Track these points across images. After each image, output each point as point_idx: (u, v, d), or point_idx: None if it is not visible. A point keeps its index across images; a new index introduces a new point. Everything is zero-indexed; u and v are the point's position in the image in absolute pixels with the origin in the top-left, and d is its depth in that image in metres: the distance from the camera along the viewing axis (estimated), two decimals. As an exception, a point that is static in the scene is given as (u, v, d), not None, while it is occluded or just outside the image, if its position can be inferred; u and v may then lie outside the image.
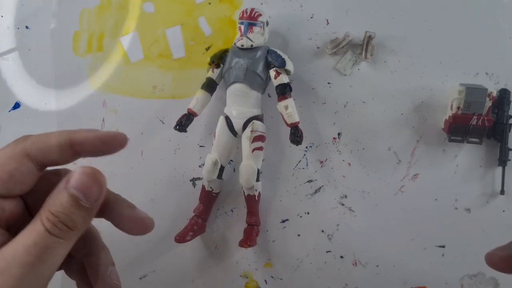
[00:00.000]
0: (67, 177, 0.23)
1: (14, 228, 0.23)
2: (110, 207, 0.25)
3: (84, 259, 0.26)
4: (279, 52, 0.48)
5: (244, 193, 0.51)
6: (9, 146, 0.23)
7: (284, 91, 0.48)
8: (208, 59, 0.51)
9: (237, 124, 0.49)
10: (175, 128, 0.50)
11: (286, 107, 0.48)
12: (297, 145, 0.48)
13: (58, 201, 0.22)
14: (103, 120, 0.56)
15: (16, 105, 0.57)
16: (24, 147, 0.23)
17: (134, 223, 0.25)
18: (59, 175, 0.25)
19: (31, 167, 0.23)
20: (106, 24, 0.54)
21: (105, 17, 0.54)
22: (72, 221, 0.22)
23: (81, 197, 0.22)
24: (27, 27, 0.56)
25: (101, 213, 0.24)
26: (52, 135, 0.24)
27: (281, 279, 0.54)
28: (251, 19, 0.47)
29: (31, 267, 0.21)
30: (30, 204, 0.24)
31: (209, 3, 0.52)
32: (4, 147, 0.23)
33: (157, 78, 0.54)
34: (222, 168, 0.51)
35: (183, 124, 0.50)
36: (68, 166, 0.24)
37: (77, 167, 0.23)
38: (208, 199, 0.52)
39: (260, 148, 0.49)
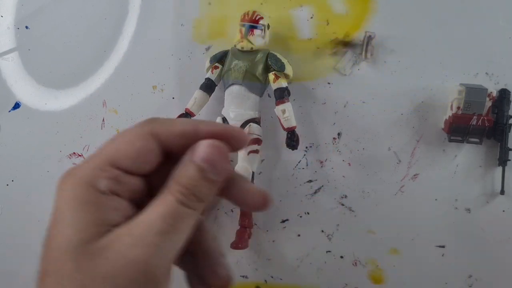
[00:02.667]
0: (192, 149, 0.23)
1: (136, 205, 0.23)
2: (231, 181, 0.24)
3: (195, 249, 0.26)
4: (279, 56, 0.48)
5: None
6: (137, 125, 0.23)
7: (282, 95, 0.48)
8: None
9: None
10: (174, 127, 0.50)
11: (284, 111, 0.48)
12: (293, 149, 0.48)
13: (186, 172, 0.22)
14: (103, 120, 0.56)
15: (16, 105, 0.57)
16: (152, 128, 0.23)
17: (257, 197, 0.24)
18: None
19: (157, 148, 0.23)
20: (229, 9, 0.52)
21: (228, 2, 0.52)
22: (200, 192, 0.22)
23: (208, 169, 0.22)
24: (27, 27, 0.56)
25: (221, 190, 0.24)
26: (177, 122, 0.24)
27: (281, 279, 0.54)
28: (252, 22, 0.47)
29: (167, 234, 0.21)
30: (151, 185, 0.24)
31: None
32: (132, 127, 0.23)
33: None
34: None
35: (181, 123, 0.50)
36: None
37: (201, 140, 0.23)
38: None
39: (256, 151, 0.49)
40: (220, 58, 0.50)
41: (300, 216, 0.53)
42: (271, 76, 0.48)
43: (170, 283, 0.23)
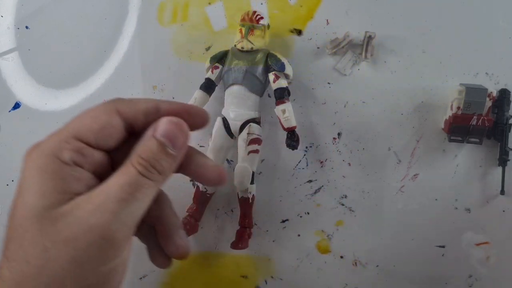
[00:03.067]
0: (154, 125, 0.24)
1: (99, 178, 0.24)
2: (189, 157, 0.26)
3: (155, 221, 0.27)
4: (279, 56, 0.48)
5: (238, 195, 0.51)
6: (102, 103, 0.25)
7: (282, 95, 0.48)
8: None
9: (234, 126, 0.49)
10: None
11: (284, 111, 0.47)
12: (293, 149, 0.48)
13: (147, 147, 0.24)
14: (103, 120, 0.56)
15: (16, 105, 0.57)
16: (116, 106, 0.25)
17: (212, 172, 0.26)
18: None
19: (120, 124, 0.24)
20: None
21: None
22: (160, 165, 0.23)
23: (168, 145, 0.24)
24: (27, 27, 0.56)
25: (180, 165, 0.25)
26: (140, 101, 0.25)
27: (281, 279, 0.54)
28: (252, 22, 0.47)
29: (126, 203, 0.22)
30: (114, 161, 0.26)
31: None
32: (97, 105, 0.25)
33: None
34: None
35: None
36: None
37: (163, 117, 0.24)
38: (202, 199, 0.52)
39: (256, 151, 0.49)
40: (220, 58, 0.50)
41: (300, 216, 0.53)
42: (271, 76, 0.48)
43: (130, 249, 0.24)
